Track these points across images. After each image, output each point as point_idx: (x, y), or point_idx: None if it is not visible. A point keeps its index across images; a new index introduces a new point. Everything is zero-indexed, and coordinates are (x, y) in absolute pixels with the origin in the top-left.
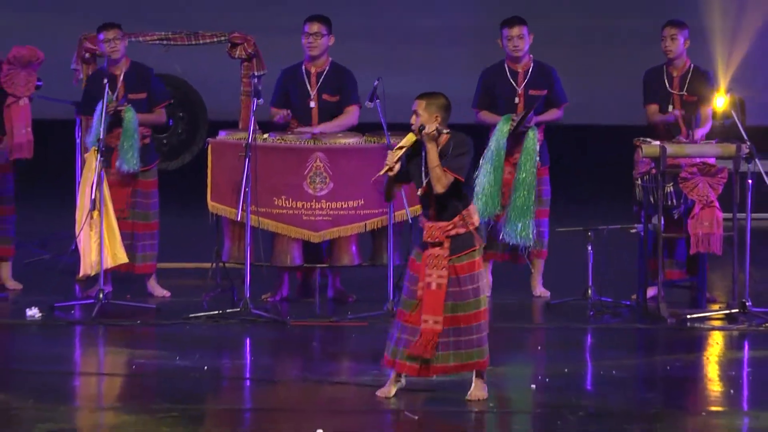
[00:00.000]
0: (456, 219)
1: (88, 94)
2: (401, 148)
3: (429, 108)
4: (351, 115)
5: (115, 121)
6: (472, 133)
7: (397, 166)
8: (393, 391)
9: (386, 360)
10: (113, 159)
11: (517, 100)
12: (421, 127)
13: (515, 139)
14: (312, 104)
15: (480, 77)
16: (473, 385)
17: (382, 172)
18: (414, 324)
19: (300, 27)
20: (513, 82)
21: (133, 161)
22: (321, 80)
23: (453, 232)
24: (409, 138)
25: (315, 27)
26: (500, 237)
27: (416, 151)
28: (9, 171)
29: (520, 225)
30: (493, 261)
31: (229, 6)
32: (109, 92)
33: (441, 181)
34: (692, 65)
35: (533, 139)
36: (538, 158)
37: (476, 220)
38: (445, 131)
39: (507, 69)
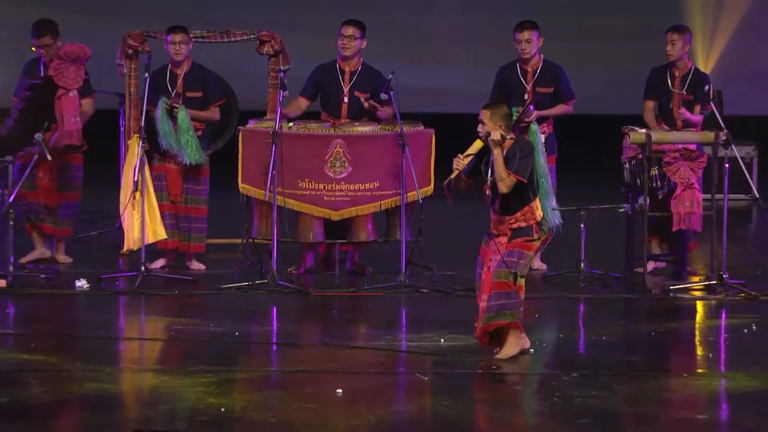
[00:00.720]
0: (518, 214)
1: (152, 87)
2: (469, 155)
3: (493, 117)
4: (389, 111)
5: (170, 115)
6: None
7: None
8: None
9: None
10: (170, 150)
11: (526, 96)
12: (487, 134)
13: (520, 131)
14: (345, 99)
15: (497, 74)
16: (505, 345)
17: (452, 176)
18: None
19: (321, 26)
20: (523, 80)
21: (195, 154)
22: (354, 79)
23: (515, 226)
24: (477, 144)
25: (350, 30)
26: None
27: (482, 154)
28: (78, 162)
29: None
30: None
31: (257, 6)
32: (169, 90)
33: (506, 182)
34: (693, 67)
35: (535, 133)
36: (543, 149)
37: (538, 215)
38: (508, 136)
39: (518, 68)
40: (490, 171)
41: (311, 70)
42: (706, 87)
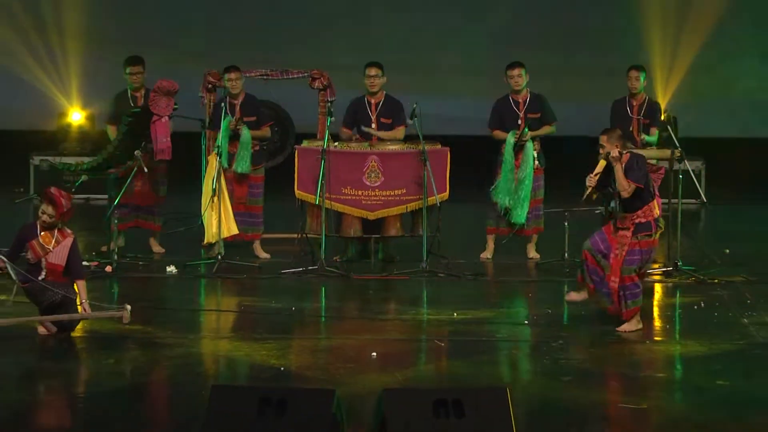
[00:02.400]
0: (639, 212)
1: (215, 115)
2: (597, 174)
3: (610, 140)
4: (399, 132)
5: (234, 136)
6: (486, 146)
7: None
8: (583, 295)
9: (579, 278)
10: (232, 162)
11: (519, 121)
12: (608, 154)
13: (518, 148)
14: (373, 125)
15: (493, 105)
16: (627, 323)
17: (586, 194)
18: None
19: (352, 66)
20: (515, 109)
21: (244, 165)
22: (379, 108)
23: (637, 221)
24: (601, 164)
25: (374, 71)
26: (507, 218)
27: (607, 170)
28: (164, 172)
29: (520, 210)
30: (496, 234)
31: (307, 50)
32: (230, 115)
33: (626, 189)
34: (647, 97)
35: (530, 149)
36: (536, 162)
37: (656, 213)
38: (624, 152)
39: (511, 99)
40: (614, 182)
41: (347, 104)
42: (658, 114)
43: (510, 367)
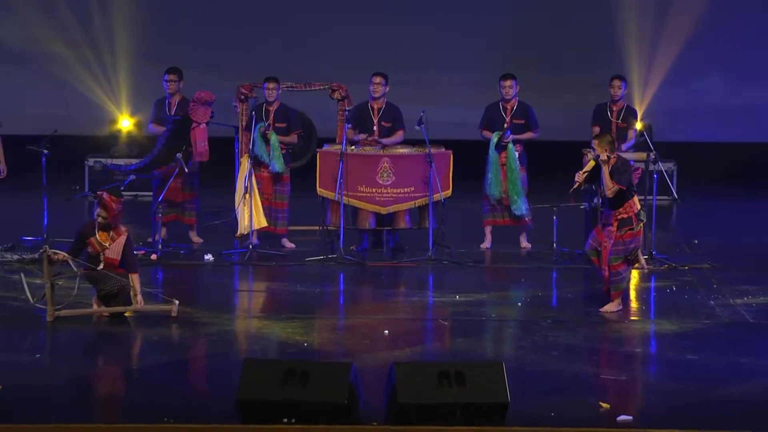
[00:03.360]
0: (621, 209)
1: (251, 121)
2: (585, 172)
3: (601, 144)
4: (399, 136)
5: (265, 140)
6: (479, 148)
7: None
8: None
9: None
10: (263, 163)
11: (506, 125)
12: (597, 156)
13: (502, 148)
14: (375, 128)
15: (485, 110)
16: (609, 304)
17: (575, 187)
18: (598, 264)
19: (360, 77)
20: (503, 114)
21: (279, 164)
22: (380, 113)
23: (620, 216)
24: (591, 164)
25: (378, 79)
26: (510, 210)
27: (595, 170)
28: (195, 172)
29: (520, 202)
30: (492, 225)
31: (329, 63)
32: (263, 121)
33: (611, 189)
34: (626, 104)
35: (512, 151)
36: (518, 163)
37: (637, 207)
38: (612, 156)
39: (500, 106)
40: (601, 182)
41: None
42: (634, 119)
43: (505, 343)
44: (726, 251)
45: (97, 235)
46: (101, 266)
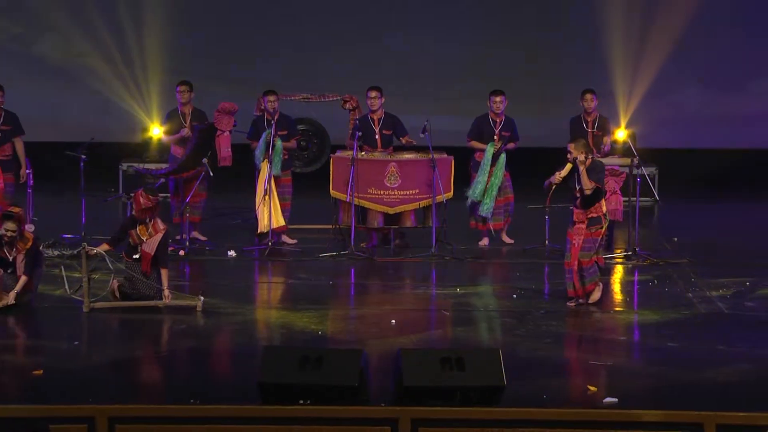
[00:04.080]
0: (592, 208)
1: (256, 128)
2: (562, 174)
3: (577, 147)
4: (408, 138)
5: (268, 146)
6: (466, 155)
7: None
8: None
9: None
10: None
11: (495, 136)
12: (575, 159)
13: (495, 158)
14: (377, 137)
15: (474, 120)
16: (590, 294)
17: (552, 188)
18: (568, 266)
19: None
20: (492, 126)
21: (277, 169)
22: (381, 123)
23: (590, 215)
24: (568, 167)
25: (374, 93)
26: (477, 212)
27: (572, 172)
28: (205, 174)
29: (488, 206)
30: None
31: (341, 77)
32: (268, 129)
33: (588, 187)
34: (599, 114)
35: (502, 160)
36: (506, 169)
37: (604, 209)
38: (588, 158)
39: (490, 119)
40: (577, 181)
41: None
42: (609, 126)
43: (501, 332)
44: (703, 248)
45: (137, 228)
46: (137, 256)
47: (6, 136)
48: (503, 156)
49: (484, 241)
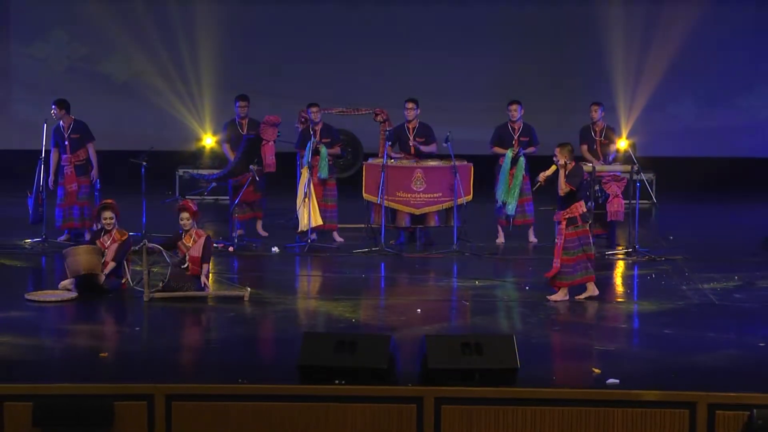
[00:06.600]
0: (567, 210)
1: (303, 138)
2: (547, 175)
3: (562, 151)
4: (432, 147)
5: (315, 153)
6: (494, 162)
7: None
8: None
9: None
10: (315, 172)
11: (514, 142)
12: (558, 162)
13: (514, 162)
14: (411, 144)
15: (495, 129)
16: (558, 293)
17: (537, 186)
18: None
19: (399, 103)
20: (512, 133)
21: (324, 173)
22: (415, 132)
23: (567, 216)
24: (552, 168)
25: (410, 105)
26: (503, 212)
27: (556, 173)
28: (262, 176)
29: (512, 205)
30: (501, 225)
31: (372, 93)
32: (313, 138)
33: (563, 189)
34: (606, 124)
35: (522, 163)
36: (525, 172)
37: (582, 210)
38: (570, 162)
39: (509, 126)
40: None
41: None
42: (614, 135)
43: (516, 320)
44: (696, 246)
45: (183, 240)
46: (186, 265)
47: (78, 143)
48: (522, 159)
49: (500, 239)
